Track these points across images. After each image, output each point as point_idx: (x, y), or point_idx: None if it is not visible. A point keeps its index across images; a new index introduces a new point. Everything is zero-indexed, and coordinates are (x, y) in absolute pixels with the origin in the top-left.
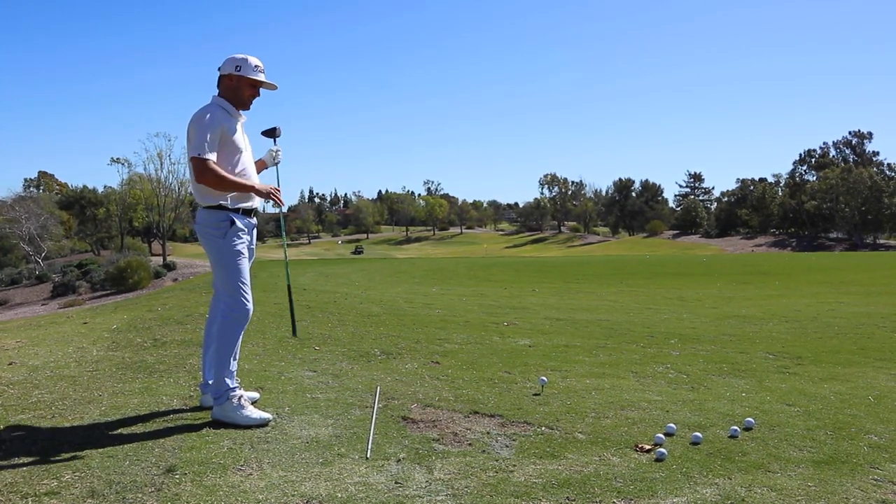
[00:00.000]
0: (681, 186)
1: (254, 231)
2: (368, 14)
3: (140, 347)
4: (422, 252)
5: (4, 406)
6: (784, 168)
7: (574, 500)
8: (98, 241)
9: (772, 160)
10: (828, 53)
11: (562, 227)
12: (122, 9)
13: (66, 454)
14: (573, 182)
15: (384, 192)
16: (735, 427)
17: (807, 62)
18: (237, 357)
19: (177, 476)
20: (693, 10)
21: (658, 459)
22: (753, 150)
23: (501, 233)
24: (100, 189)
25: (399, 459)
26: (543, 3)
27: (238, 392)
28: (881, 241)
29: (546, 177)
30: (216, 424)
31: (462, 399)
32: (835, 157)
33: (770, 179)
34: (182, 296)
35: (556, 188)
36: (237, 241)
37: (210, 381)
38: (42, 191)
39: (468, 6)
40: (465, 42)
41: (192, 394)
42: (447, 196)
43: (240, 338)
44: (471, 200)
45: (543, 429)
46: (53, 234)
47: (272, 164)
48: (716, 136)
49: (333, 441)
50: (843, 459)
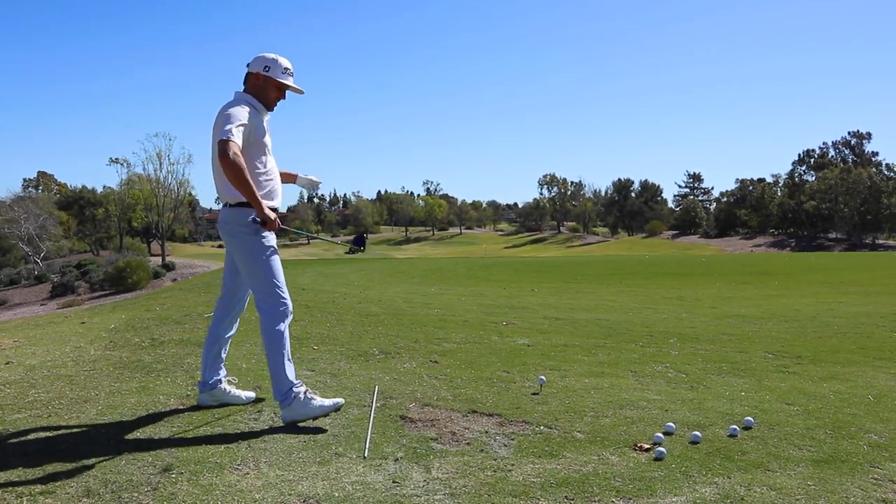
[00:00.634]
0: (680, 187)
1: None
2: (368, 14)
3: (138, 347)
4: (421, 252)
5: (1, 405)
6: (783, 168)
7: (573, 500)
8: (97, 242)
9: (771, 160)
10: (827, 54)
11: (561, 228)
12: (122, 9)
13: (63, 453)
14: (572, 182)
15: (383, 193)
16: (734, 426)
17: (806, 62)
18: (289, 355)
19: (173, 475)
20: (692, 10)
21: (657, 459)
22: (752, 151)
23: (501, 233)
24: (99, 189)
25: (397, 459)
26: (543, 3)
27: (302, 387)
28: (880, 242)
29: (545, 177)
30: (215, 425)
31: (460, 398)
32: (834, 158)
33: (769, 180)
34: (180, 296)
35: (556, 188)
36: (268, 238)
37: (210, 380)
38: (41, 191)
39: (468, 6)
40: (465, 42)
41: (189, 393)
42: (446, 196)
43: (287, 335)
44: (470, 201)
45: (542, 428)
46: (52, 235)
47: (306, 189)
48: (715, 137)
49: (331, 440)
50: (843, 458)
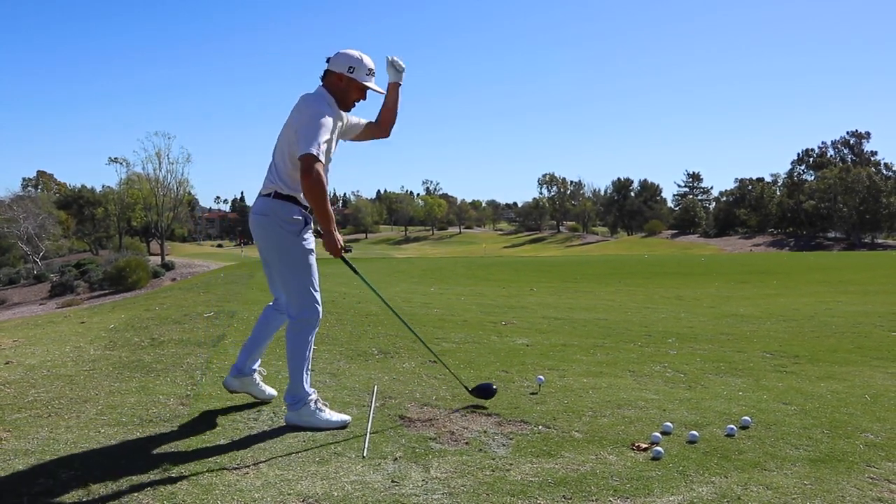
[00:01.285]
0: (679, 186)
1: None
2: (368, 14)
3: (137, 347)
4: (420, 252)
5: (1, 405)
6: (782, 168)
7: (570, 499)
8: (96, 241)
9: (770, 160)
10: (826, 54)
11: (560, 227)
12: (122, 9)
13: (63, 453)
14: (572, 182)
15: (383, 192)
16: (732, 426)
17: (805, 62)
18: (310, 363)
19: (173, 475)
20: (692, 10)
21: (655, 458)
22: (752, 150)
23: (500, 232)
24: (98, 189)
25: (396, 458)
26: (543, 3)
27: (314, 396)
28: (879, 241)
29: (545, 176)
30: (215, 425)
31: (459, 398)
32: (833, 157)
33: (768, 179)
34: (180, 295)
35: (555, 188)
36: (310, 240)
37: (248, 368)
38: (40, 190)
39: (468, 6)
40: (465, 42)
41: (189, 393)
42: (446, 196)
43: (312, 342)
44: (469, 200)
45: (540, 427)
46: (51, 234)
47: (395, 77)
48: (714, 136)
49: (330, 440)
50: (840, 458)
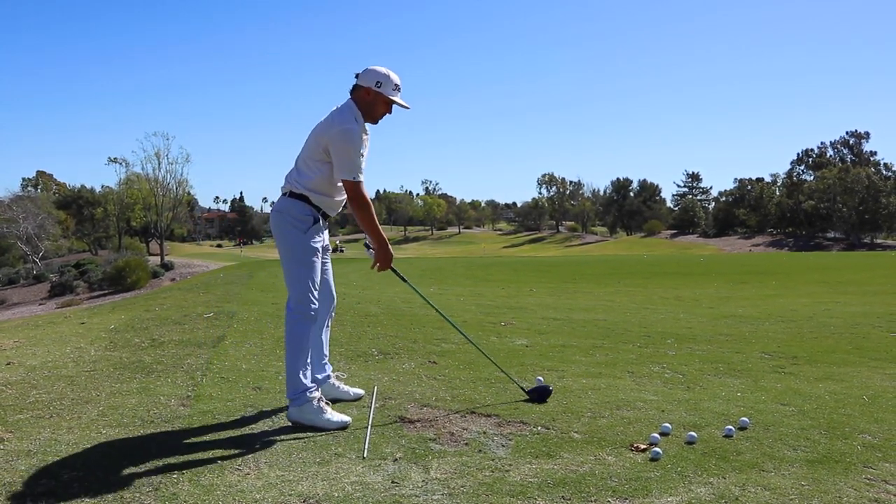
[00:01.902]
0: (679, 186)
1: (325, 232)
2: (368, 14)
3: (138, 347)
4: (420, 252)
5: (2, 406)
6: (782, 168)
7: (569, 500)
8: (96, 241)
9: (769, 160)
10: (825, 54)
11: (560, 227)
12: (122, 9)
13: (64, 454)
14: (571, 182)
15: (382, 192)
16: (730, 426)
17: (804, 62)
18: (309, 355)
19: (174, 475)
20: (692, 10)
21: (653, 459)
22: (751, 150)
23: (499, 232)
24: (97, 189)
25: (396, 459)
26: (543, 3)
27: (317, 393)
28: (878, 241)
29: (544, 176)
30: (216, 425)
31: (459, 399)
32: (832, 157)
33: (768, 179)
34: (180, 296)
35: (554, 188)
36: (317, 239)
37: (318, 376)
38: (40, 190)
39: (468, 6)
40: (465, 42)
41: (190, 393)
42: (445, 196)
43: (309, 336)
44: (469, 200)
45: (539, 428)
46: (51, 234)
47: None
48: (714, 136)
49: (330, 441)
50: (837, 459)
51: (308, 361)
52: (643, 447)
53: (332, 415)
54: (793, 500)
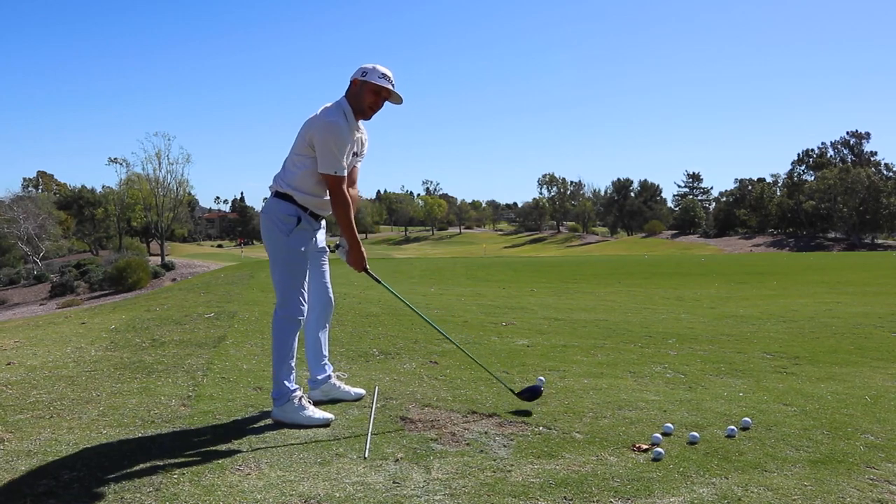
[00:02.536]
0: (679, 186)
1: (319, 233)
2: (369, 14)
3: (138, 347)
4: (420, 252)
5: (3, 406)
6: (782, 168)
7: (571, 500)
8: (96, 241)
9: (770, 160)
10: (826, 54)
11: (560, 227)
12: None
13: (65, 454)
14: (572, 182)
15: (383, 192)
16: (732, 427)
17: (804, 62)
18: (294, 357)
19: (175, 476)
20: (692, 10)
21: (655, 459)
22: (752, 151)
23: (500, 233)
24: (98, 189)
25: (397, 459)
26: (543, 3)
27: (299, 392)
28: (879, 241)
29: (545, 177)
30: (217, 426)
31: (460, 399)
32: (833, 158)
33: (768, 179)
34: (180, 296)
35: (555, 188)
36: (301, 241)
37: (320, 376)
38: (40, 191)
39: (468, 6)
40: (465, 42)
41: (191, 394)
42: (446, 196)
43: (294, 339)
44: (469, 200)
45: (541, 429)
46: (51, 234)
47: (338, 252)
48: (714, 137)
49: (332, 441)
50: (840, 459)
51: (293, 365)
52: (645, 447)
53: (314, 412)
54: (796, 501)
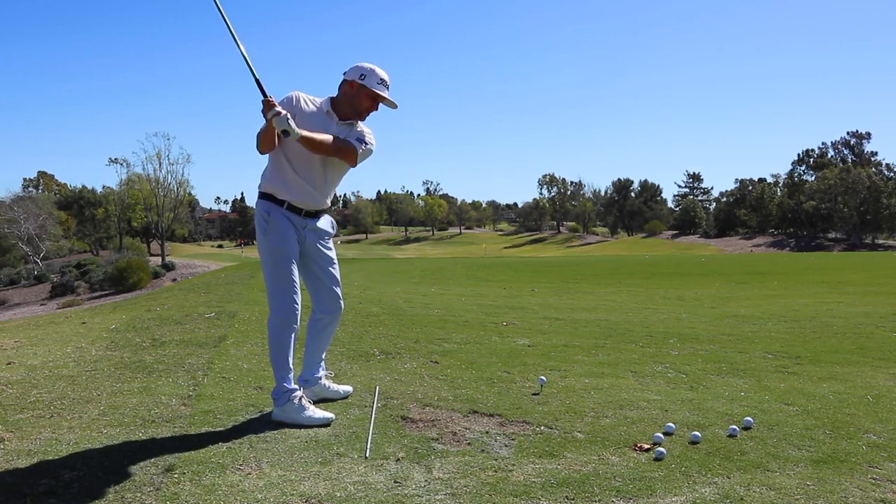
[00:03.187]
0: (679, 186)
1: (311, 232)
2: (369, 14)
3: (139, 347)
4: (421, 252)
5: (3, 406)
6: (783, 168)
7: (573, 500)
8: (97, 242)
9: (770, 160)
10: (827, 54)
11: (560, 228)
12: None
13: (65, 454)
14: (572, 182)
15: (383, 193)
16: (734, 426)
17: (806, 62)
18: (292, 358)
19: (175, 475)
20: (692, 10)
21: (657, 459)
22: (752, 151)
23: (500, 233)
24: (98, 189)
25: (398, 459)
26: (543, 3)
27: (299, 392)
28: (880, 242)
29: (545, 177)
30: (217, 425)
31: (461, 398)
32: (833, 158)
33: (769, 179)
34: (181, 296)
35: (555, 188)
36: (279, 238)
37: (311, 377)
38: (41, 191)
39: (468, 6)
40: (465, 42)
41: (191, 393)
42: (446, 196)
43: (290, 342)
44: (470, 201)
45: (542, 428)
46: (52, 235)
47: (278, 125)
48: (714, 137)
49: (332, 440)
50: (842, 458)
51: (290, 364)
52: (647, 447)
53: (314, 411)
54: (798, 501)
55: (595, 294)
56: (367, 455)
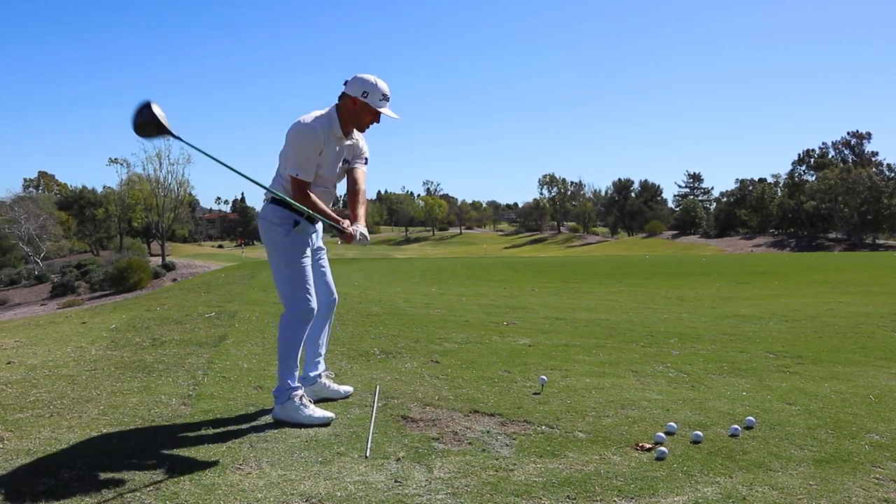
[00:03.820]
0: (680, 187)
1: (315, 233)
2: (369, 14)
3: (139, 347)
4: (421, 252)
5: (3, 405)
6: (783, 168)
7: (575, 499)
8: (97, 242)
9: (771, 160)
10: (827, 54)
11: (561, 228)
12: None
13: (65, 453)
14: (572, 182)
15: (383, 193)
16: (736, 426)
17: (806, 62)
18: (297, 357)
19: (175, 475)
20: (693, 10)
21: (659, 458)
22: (752, 151)
23: (501, 233)
24: (99, 189)
25: (399, 458)
26: (543, 3)
27: (300, 391)
28: (880, 242)
29: (545, 177)
30: (217, 425)
31: (462, 398)
32: (834, 158)
33: (769, 179)
34: (181, 296)
35: (556, 188)
36: (300, 241)
37: (310, 375)
38: (41, 191)
39: (468, 6)
40: (465, 42)
41: (191, 393)
42: (446, 196)
43: (303, 336)
44: (470, 201)
45: (543, 428)
46: (52, 235)
47: (354, 240)
48: (715, 137)
49: (333, 440)
50: (845, 458)
51: (298, 363)
52: (648, 446)
53: (315, 411)
54: (801, 500)
55: (595, 294)
56: (368, 454)
